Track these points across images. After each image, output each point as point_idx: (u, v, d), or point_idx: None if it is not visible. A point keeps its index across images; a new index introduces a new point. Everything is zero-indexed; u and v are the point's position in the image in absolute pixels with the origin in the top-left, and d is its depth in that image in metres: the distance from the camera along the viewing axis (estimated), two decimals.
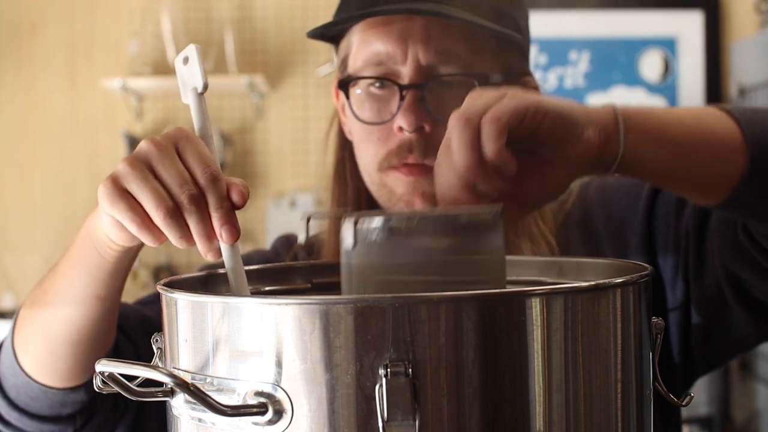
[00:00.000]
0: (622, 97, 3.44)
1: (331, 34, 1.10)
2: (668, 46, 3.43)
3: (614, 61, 3.43)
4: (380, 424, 0.57)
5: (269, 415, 0.59)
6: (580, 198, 1.12)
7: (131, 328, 1.02)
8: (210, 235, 0.74)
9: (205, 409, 0.60)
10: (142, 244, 0.88)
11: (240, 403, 0.61)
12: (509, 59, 1.05)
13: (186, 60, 0.78)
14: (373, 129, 1.04)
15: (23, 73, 3.48)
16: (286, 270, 0.89)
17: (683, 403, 0.71)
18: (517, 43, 1.05)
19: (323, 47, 3.87)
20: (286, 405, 0.59)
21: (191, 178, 0.74)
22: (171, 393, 0.63)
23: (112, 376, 0.62)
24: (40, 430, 0.99)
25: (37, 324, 0.95)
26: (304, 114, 3.48)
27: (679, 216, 1.03)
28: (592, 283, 0.63)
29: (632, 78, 3.44)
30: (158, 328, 0.72)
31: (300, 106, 3.48)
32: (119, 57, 3.46)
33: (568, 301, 0.61)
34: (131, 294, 1.08)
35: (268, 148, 3.48)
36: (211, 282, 0.82)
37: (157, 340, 0.72)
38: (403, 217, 0.74)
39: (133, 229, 0.76)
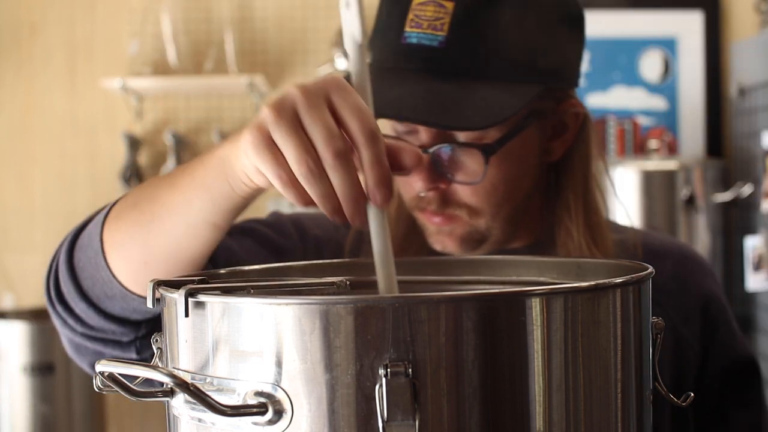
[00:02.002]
0: (622, 97, 3.44)
1: None
2: (668, 46, 3.43)
3: (614, 61, 3.43)
4: (380, 424, 0.57)
5: (269, 415, 0.59)
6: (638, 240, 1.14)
7: (218, 258, 0.99)
8: (357, 197, 0.69)
9: (205, 409, 0.60)
10: None
11: (240, 403, 0.61)
12: (534, 102, 1.04)
13: (347, 4, 0.70)
14: None
15: (23, 73, 3.48)
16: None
17: (683, 403, 0.71)
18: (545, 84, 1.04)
19: (323, 47, 3.88)
20: (286, 405, 0.59)
21: (340, 134, 0.70)
22: (171, 393, 0.63)
23: (111, 376, 0.62)
24: (101, 326, 0.96)
25: (137, 228, 0.91)
26: None
27: None
28: (592, 283, 0.63)
29: (632, 78, 3.44)
30: (242, 262, 0.73)
31: None
32: (119, 57, 3.46)
33: (568, 301, 0.61)
34: None
35: None
36: (211, 282, 0.81)
37: (156, 340, 0.72)
38: None
39: (278, 184, 0.72)
